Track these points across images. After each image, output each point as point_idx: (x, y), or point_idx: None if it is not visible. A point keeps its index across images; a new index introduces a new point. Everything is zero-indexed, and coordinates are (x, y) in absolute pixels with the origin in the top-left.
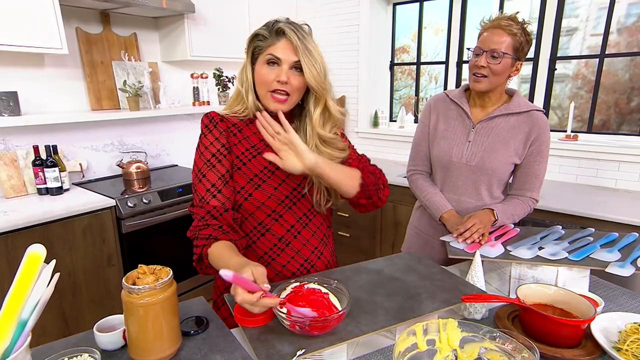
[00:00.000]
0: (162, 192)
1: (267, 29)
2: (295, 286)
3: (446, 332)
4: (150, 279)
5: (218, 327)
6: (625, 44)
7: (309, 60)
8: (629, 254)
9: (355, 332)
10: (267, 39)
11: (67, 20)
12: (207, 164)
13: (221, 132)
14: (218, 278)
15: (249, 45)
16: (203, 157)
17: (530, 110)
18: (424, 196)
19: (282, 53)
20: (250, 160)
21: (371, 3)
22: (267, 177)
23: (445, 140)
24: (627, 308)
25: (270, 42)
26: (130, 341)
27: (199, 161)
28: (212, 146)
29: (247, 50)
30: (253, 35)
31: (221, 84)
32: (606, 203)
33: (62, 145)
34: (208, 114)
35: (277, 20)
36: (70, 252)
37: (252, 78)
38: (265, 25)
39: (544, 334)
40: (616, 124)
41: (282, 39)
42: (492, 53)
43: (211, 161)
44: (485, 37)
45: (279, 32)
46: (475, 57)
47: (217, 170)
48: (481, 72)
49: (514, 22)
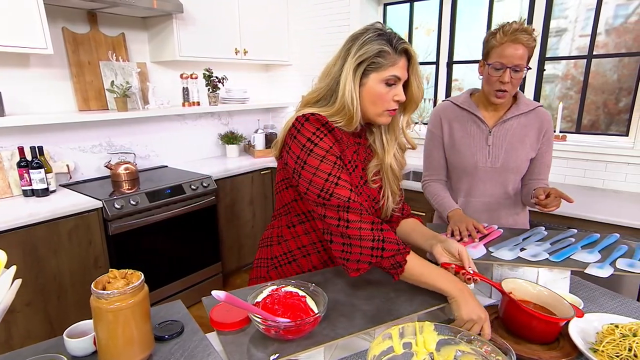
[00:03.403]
0: (151, 193)
1: (391, 46)
2: (272, 289)
3: (422, 336)
4: (121, 284)
5: (194, 331)
6: (614, 44)
7: (419, 79)
8: (608, 255)
9: (331, 335)
10: (390, 56)
11: (53, 20)
12: (335, 166)
13: (335, 142)
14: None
15: (364, 59)
16: (327, 160)
17: (536, 108)
18: (435, 199)
19: (402, 73)
20: (353, 172)
21: (361, 3)
22: (362, 190)
23: (467, 147)
24: (607, 309)
25: (393, 62)
26: (100, 347)
27: (325, 165)
28: (333, 150)
29: (359, 65)
30: (379, 51)
31: (211, 84)
32: (593, 203)
33: (49, 146)
34: (316, 116)
35: (398, 38)
36: (55, 255)
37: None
38: (386, 40)
39: (521, 326)
40: (605, 124)
41: (402, 58)
42: (515, 68)
43: (337, 163)
44: (507, 53)
45: (402, 51)
46: (497, 72)
47: (346, 172)
48: (506, 87)
49: (530, 35)
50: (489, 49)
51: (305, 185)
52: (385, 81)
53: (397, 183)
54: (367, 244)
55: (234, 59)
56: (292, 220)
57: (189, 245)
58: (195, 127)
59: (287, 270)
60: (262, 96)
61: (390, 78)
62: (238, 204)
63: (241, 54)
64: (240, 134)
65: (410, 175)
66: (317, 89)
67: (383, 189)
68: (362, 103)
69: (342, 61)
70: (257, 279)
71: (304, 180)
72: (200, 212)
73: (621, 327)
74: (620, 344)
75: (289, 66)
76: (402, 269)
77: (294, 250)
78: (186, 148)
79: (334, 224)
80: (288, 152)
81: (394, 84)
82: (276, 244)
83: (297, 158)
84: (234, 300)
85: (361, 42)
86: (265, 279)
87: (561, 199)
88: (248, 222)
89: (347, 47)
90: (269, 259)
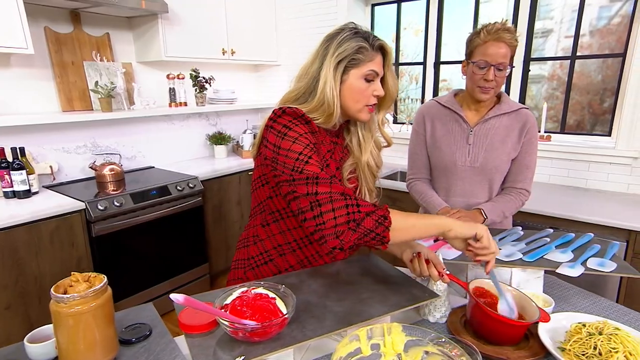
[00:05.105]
0: (135, 194)
1: (368, 43)
2: (242, 291)
3: (391, 337)
4: (82, 287)
5: (161, 334)
6: (598, 45)
7: (393, 75)
8: (581, 254)
9: (299, 337)
10: (368, 52)
11: (34, 19)
12: (307, 147)
13: (310, 132)
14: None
15: (344, 57)
16: (299, 141)
17: (519, 109)
18: (422, 198)
19: (379, 68)
20: (324, 170)
21: (349, 4)
22: None
23: (447, 145)
24: (579, 308)
25: (370, 57)
26: (61, 352)
27: (297, 145)
28: (307, 135)
29: (339, 63)
30: (358, 47)
31: (198, 84)
32: (576, 203)
33: (31, 147)
34: (292, 109)
35: (374, 35)
36: (36, 257)
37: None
38: (362, 37)
39: (485, 329)
40: (590, 124)
41: (379, 54)
42: (499, 66)
43: (310, 146)
44: (491, 51)
45: (378, 48)
46: (481, 70)
47: (318, 156)
48: (490, 85)
49: (512, 34)
50: (472, 48)
51: (280, 169)
52: (365, 77)
53: (374, 181)
54: (339, 204)
55: (222, 59)
56: (267, 218)
57: (176, 247)
58: (183, 127)
59: (264, 270)
60: (250, 96)
61: (370, 73)
62: (225, 205)
63: (228, 54)
64: (229, 134)
65: (398, 175)
66: (295, 88)
67: (359, 188)
68: (343, 100)
69: (320, 60)
70: (235, 281)
71: (280, 164)
72: (187, 213)
73: (588, 325)
74: (586, 342)
75: (277, 66)
76: (389, 220)
77: (270, 250)
78: (174, 149)
79: (303, 197)
80: (266, 146)
81: (372, 80)
82: (252, 244)
83: (273, 146)
84: (194, 303)
85: (339, 41)
86: (242, 280)
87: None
88: (236, 223)
89: (324, 47)
90: (246, 260)
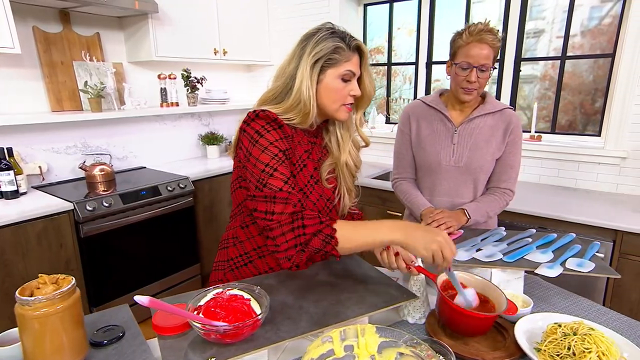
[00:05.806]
0: (125, 194)
1: (345, 43)
2: (217, 292)
3: (364, 338)
4: (50, 289)
5: (134, 336)
6: (589, 46)
7: (370, 75)
8: (560, 255)
9: (273, 338)
10: (344, 52)
11: (22, 19)
12: (275, 158)
13: (282, 138)
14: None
15: (321, 57)
16: (268, 151)
17: (503, 109)
18: (406, 198)
19: (356, 69)
20: (301, 170)
21: (341, 4)
22: (312, 189)
23: (431, 145)
24: (559, 308)
25: (347, 57)
26: (26, 356)
27: (264, 156)
28: (278, 143)
29: (316, 62)
30: (334, 47)
31: (190, 84)
32: (564, 203)
33: (20, 147)
34: (266, 113)
35: (350, 35)
36: (23, 258)
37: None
38: (339, 38)
39: (450, 321)
40: (582, 124)
41: (356, 55)
42: (481, 68)
43: (279, 156)
44: (473, 53)
45: (355, 48)
46: (464, 72)
47: (286, 166)
48: (473, 86)
49: (495, 35)
50: (455, 49)
51: (248, 177)
52: (342, 77)
53: (353, 181)
54: (287, 228)
55: (214, 59)
56: (245, 220)
57: (167, 247)
58: (175, 127)
59: (244, 272)
60: (243, 96)
61: (347, 73)
62: (217, 205)
63: (220, 54)
64: (221, 134)
65: (389, 176)
66: (272, 88)
67: (338, 188)
68: (320, 100)
69: (297, 60)
70: (215, 282)
71: (249, 172)
72: (178, 214)
73: (563, 326)
74: (560, 343)
75: (270, 66)
76: (336, 239)
77: (250, 251)
78: (166, 149)
79: (262, 215)
80: (241, 148)
81: (349, 80)
82: (232, 246)
83: (246, 150)
84: (160, 305)
85: (316, 40)
86: (222, 282)
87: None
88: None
89: (301, 46)
90: (226, 262)
